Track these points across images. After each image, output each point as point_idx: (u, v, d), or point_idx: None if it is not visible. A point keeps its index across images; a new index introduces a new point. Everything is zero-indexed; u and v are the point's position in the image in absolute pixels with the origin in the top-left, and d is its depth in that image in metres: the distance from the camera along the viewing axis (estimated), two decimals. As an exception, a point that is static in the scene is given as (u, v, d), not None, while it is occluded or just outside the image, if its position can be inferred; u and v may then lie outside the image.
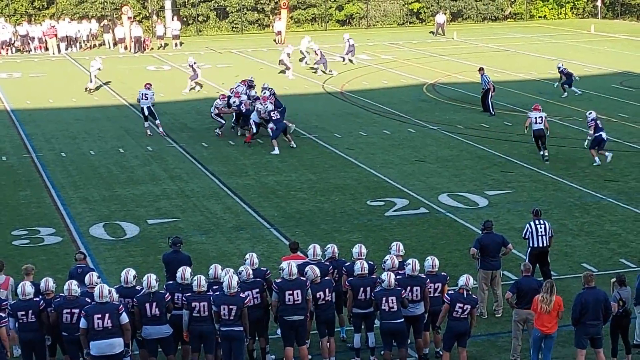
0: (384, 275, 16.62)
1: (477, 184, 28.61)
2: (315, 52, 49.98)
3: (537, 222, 19.80)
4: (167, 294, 16.19)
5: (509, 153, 32.04)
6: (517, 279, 17.84)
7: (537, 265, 19.55)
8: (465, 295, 16.38)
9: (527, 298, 16.58)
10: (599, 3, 75.66)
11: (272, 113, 32.64)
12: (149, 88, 35.35)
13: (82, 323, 15.30)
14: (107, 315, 15.23)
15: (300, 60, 53.05)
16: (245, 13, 71.14)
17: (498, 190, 27.82)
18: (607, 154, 30.14)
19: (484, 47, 59.54)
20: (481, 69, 40.04)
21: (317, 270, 16.80)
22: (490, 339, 18.16)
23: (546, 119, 31.02)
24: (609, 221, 24.79)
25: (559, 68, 42.66)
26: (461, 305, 16.28)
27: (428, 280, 16.93)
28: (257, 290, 16.62)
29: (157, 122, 35.37)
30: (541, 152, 30.79)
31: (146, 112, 35.19)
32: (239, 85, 36.35)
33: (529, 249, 19.70)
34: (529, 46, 60.01)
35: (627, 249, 22.64)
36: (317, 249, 17.63)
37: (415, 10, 74.22)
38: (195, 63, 44.78)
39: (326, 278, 16.98)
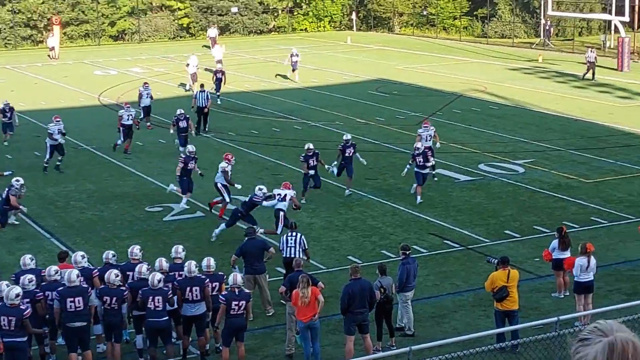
0: (150, 276, 16.45)
1: (249, 187, 28.66)
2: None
3: (289, 234, 19.84)
4: None
5: (279, 157, 32.36)
6: (290, 274, 18.00)
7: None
8: (237, 293, 16.35)
9: (299, 291, 16.74)
10: (353, 17, 77.62)
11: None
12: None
13: None
14: None
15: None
16: (18, 29, 68.78)
17: (270, 193, 27.96)
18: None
19: (251, 59, 59.93)
20: (202, 85, 37.71)
21: (119, 277, 16.56)
22: (267, 331, 18.27)
23: (435, 133, 29.39)
24: (370, 216, 25.43)
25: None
26: (237, 302, 16.24)
27: (207, 280, 16.86)
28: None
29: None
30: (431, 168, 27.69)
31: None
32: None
33: (283, 258, 19.72)
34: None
35: (387, 240, 23.28)
36: (110, 254, 17.54)
37: (185, 25, 73.93)
38: None
39: (119, 285, 16.65)
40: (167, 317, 16.31)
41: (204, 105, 36.14)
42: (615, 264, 21.55)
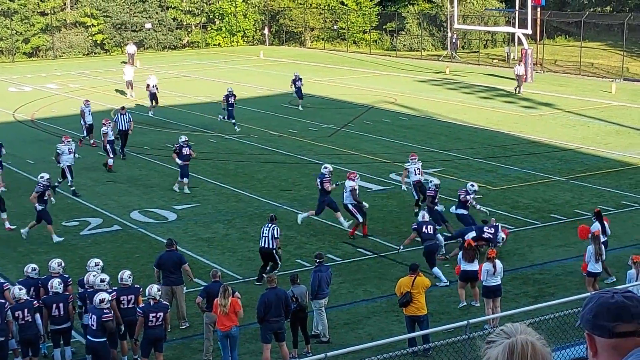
0: (95, 296, 16.23)
1: (166, 200, 28.52)
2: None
3: (267, 225, 20.84)
4: None
5: (193, 170, 32.11)
6: (207, 284, 17.92)
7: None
8: (154, 304, 16.17)
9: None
10: (266, 31, 77.75)
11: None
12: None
13: None
14: None
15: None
16: None
17: (185, 205, 27.86)
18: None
19: (166, 74, 59.47)
20: (123, 108, 35.82)
21: (23, 290, 16.30)
22: (185, 341, 18.14)
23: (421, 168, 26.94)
24: (285, 226, 25.35)
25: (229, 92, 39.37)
26: (154, 314, 16.08)
27: (113, 292, 16.66)
28: None
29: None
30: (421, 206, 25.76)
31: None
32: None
33: (259, 248, 20.92)
34: (206, 72, 60.66)
35: (302, 250, 23.32)
36: (30, 268, 17.46)
37: (99, 42, 73.16)
38: None
39: (27, 298, 16.39)
40: (103, 339, 15.96)
41: (126, 129, 34.39)
42: (522, 268, 21.90)
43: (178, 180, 29.48)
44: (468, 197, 23.71)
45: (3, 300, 15.98)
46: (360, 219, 24.28)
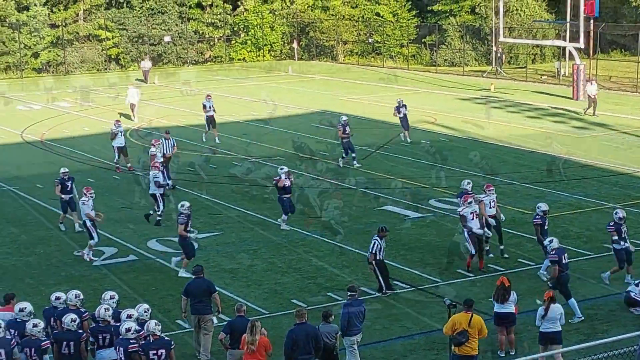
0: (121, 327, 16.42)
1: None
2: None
3: (376, 237, 22.34)
4: None
5: (216, 195, 32.36)
6: (230, 319, 18.01)
7: None
8: (152, 341, 16.13)
9: (241, 338, 16.69)
10: (295, 45, 78.13)
11: None
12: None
13: None
14: None
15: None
16: None
17: (207, 233, 28.01)
18: None
19: (186, 91, 59.91)
20: (167, 132, 35.53)
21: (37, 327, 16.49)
22: (207, 381, 18.23)
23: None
24: (315, 256, 25.51)
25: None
26: (154, 352, 15.96)
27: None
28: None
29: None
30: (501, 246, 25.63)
31: None
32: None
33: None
34: (230, 88, 61.00)
35: (334, 282, 23.37)
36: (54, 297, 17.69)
37: (114, 56, 73.82)
38: None
39: (38, 337, 16.55)
40: None
41: (169, 154, 34.10)
42: (573, 303, 21.83)
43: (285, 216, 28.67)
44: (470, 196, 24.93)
45: (9, 337, 16.13)
46: (473, 251, 24.03)
